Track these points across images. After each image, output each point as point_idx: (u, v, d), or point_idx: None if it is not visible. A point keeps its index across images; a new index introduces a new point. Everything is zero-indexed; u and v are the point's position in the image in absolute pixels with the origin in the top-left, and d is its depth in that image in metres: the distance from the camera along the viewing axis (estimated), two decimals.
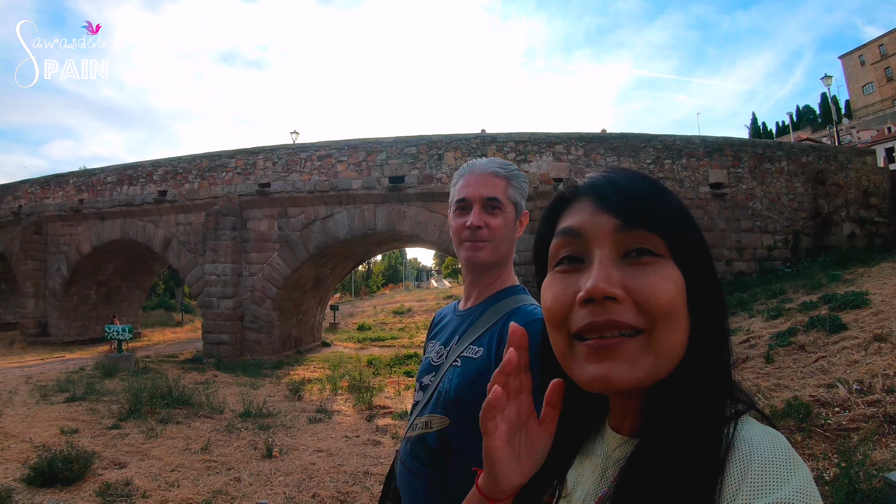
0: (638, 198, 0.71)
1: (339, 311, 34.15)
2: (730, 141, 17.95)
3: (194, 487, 5.68)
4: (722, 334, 0.71)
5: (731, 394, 0.69)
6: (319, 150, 18.00)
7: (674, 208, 0.73)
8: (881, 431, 5.05)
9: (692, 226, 0.73)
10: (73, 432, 7.57)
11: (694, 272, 0.70)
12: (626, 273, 0.69)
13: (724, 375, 0.69)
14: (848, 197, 17.92)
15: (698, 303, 0.70)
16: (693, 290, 0.70)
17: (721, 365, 0.69)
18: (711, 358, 0.69)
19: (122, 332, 16.08)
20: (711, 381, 0.68)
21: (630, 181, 0.74)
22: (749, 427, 0.63)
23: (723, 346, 0.71)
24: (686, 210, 0.74)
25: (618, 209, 0.71)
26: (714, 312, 0.71)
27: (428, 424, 1.48)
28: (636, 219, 0.70)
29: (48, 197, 22.13)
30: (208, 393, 9.95)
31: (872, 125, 50.62)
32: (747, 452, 0.59)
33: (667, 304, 0.68)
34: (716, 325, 0.71)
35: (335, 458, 7.00)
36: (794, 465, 0.57)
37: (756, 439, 0.60)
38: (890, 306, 8.86)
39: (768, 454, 0.58)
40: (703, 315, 0.70)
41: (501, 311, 1.50)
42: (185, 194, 19.15)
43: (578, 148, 16.58)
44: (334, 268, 21.01)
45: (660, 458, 0.63)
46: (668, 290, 0.68)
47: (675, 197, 0.74)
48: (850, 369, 6.83)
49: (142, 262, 23.88)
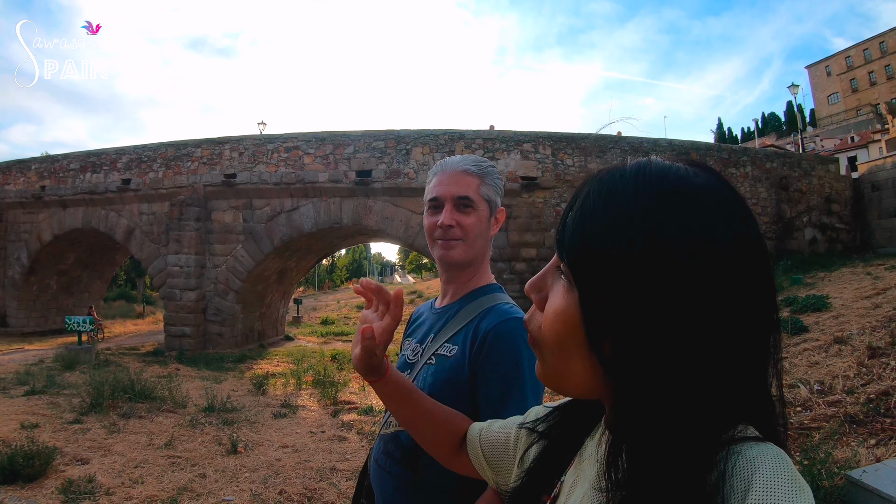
0: (576, 224, 0.69)
1: (302, 305, 33.94)
2: (696, 145, 18.27)
3: (159, 484, 5.63)
4: (696, 355, 0.61)
5: (726, 416, 0.62)
6: (287, 141, 17.84)
7: (601, 247, 0.65)
8: (842, 431, 5.21)
9: (596, 255, 0.65)
10: (33, 427, 7.44)
11: (605, 322, 0.64)
12: (555, 285, 0.73)
13: (708, 399, 0.61)
14: (810, 203, 18.36)
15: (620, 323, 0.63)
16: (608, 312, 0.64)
17: (702, 388, 0.61)
18: (677, 380, 0.61)
19: (83, 323, 15.83)
20: (684, 404, 0.61)
21: (592, 201, 0.68)
22: (751, 448, 0.59)
23: (704, 367, 0.61)
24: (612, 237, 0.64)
25: (559, 230, 0.73)
26: (658, 334, 0.61)
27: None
28: (560, 245, 0.71)
29: (9, 183, 21.60)
30: (171, 387, 9.82)
31: (836, 134, 51.78)
32: (749, 475, 0.56)
33: (546, 330, 0.72)
34: (673, 347, 0.61)
35: (301, 453, 6.98)
36: (797, 489, 0.55)
37: (758, 460, 0.57)
38: (850, 310, 9.12)
39: (770, 476, 0.55)
40: (632, 337, 0.62)
41: (476, 309, 1.50)
42: (149, 183, 18.83)
43: (546, 147, 16.69)
44: (298, 261, 20.88)
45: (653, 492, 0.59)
46: (548, 317, 0.71)
47: (610, 224, 0.65)
48: (811, 370, 7.02)
49: (104, 251, 23.46)
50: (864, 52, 57.88)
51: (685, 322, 0.61)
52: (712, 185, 0.66)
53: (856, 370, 6.55)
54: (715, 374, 0.62)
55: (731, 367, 0.62)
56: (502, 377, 1.33)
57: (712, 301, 0.61)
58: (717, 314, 0.61)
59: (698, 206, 0.64)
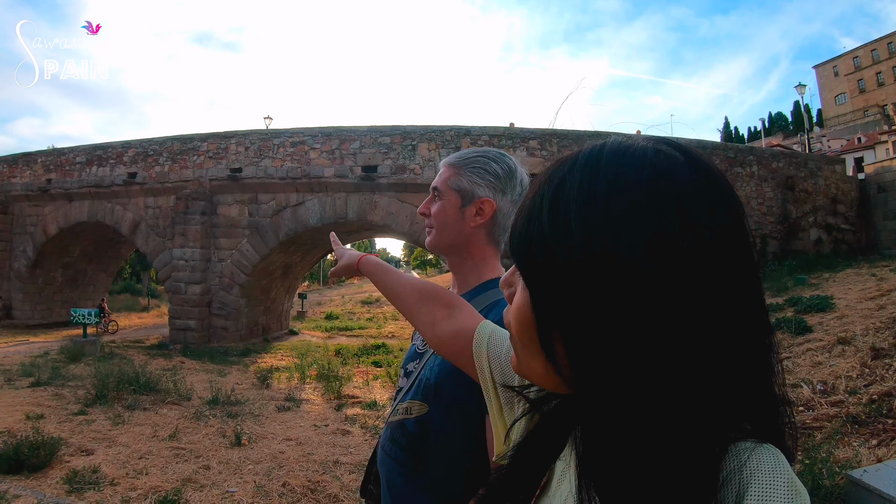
0: (523, 220, 0.68)
1: (307, 300, 33.99)
2: (703, 144, 18.22)
3: (163, 475, 5.66)
4: (678, 355, 0.57)
5: (714, 417, 0.59)
6: (293, 136, 17.88)
7: (540, 247, 0.63)
8: (844, 431, 5.21)
9: (554, 248, 0.61)
10: (38, 418, 7.48)
11: (552, 322, 0.63)
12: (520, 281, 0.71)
13: (681, 402, 0.58)
14: (816, 203, 18.32)
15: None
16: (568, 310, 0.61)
17: (689, 388, 0.58)
18: (662, 378, 0.58)
19: (89, 315, 15.88)
20: (673, 409, 0.58)
21: (541, 194, 0.66)
22: (748, 449, 0.57)
23: (687, 365, 0.58)
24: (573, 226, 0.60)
25: (512, 225, 0.71)
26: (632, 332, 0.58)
27: (408, 410, 1.50)
28: (511, 243, 0.70)
29: (15, 176, 21.69)
30: (175, 379, 9.88)
31: (843, 135, 51.63)
32: (745, 478, 0.55)
33: (512, 326, 0.72)
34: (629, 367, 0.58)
35: (304, 446, 7.01)
36: (794, 493, 0.54)
37: (754, 463, 0.56)
38: (854, 311, 9.10)
39: (766, 480, 0.54)
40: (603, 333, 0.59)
41: (482, 303, 1.50)
42: (155, 177, 18.92)
43: (552, 144, 16.71)
44: (304, 256, 20.93)
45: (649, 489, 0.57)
46: (511, 313, 0.72)
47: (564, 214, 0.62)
48: (814, 370, 7.02)
49: (109, 244, 23.53)
50: (871, 53, 57.59)
51: (635, 324, 0.57)
52: (675, 168, 0.61)
53: (859, 371, 6.55)
54: (682, 377, 0.58)
55: (704, 369, 0.58)
56: None
57: (667, 302, 0.57)
58: (675, 314, 0.57)
59: (652, 196, 0.59)
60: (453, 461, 1.34)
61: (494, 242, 1.62)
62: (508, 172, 1.60)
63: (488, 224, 1.58)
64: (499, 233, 1.60)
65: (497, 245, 1.63)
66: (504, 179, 1.59)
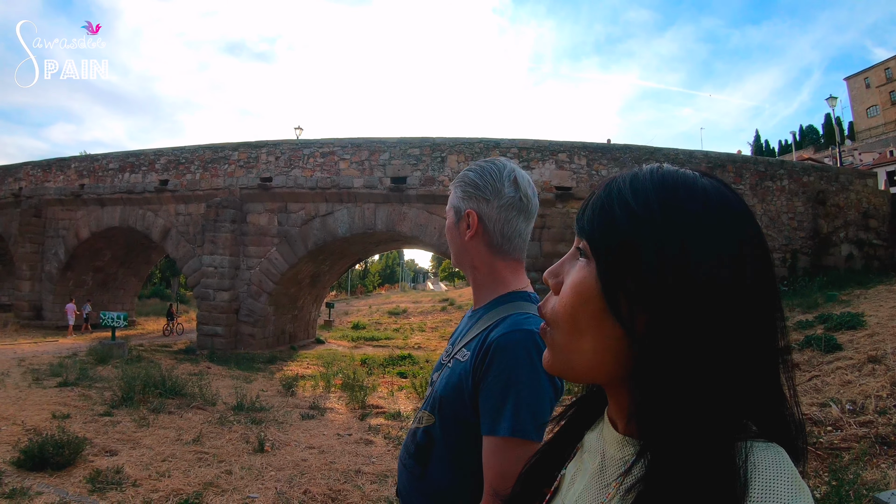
0: (594, 206, 0.72)
1: (334, 309, 34.20)
2: (732, 157, 18.07)
3: (185, 478, 5.65)
4: (704, 354, 0.62)
5: (736, 416, 0.63)
6: (323, 146, 18.01)
7: (620, 216, 0.67)
8: (872, 452, 5.07)
9: (635, 233, 0.66)
10: (64, 417, 7.55)
11: (627, 279, 0.65)
12: (572, 269, 0.73)
13: (722, 397, 0.62)
14: (847, 218, 18.00)
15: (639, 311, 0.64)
16: (629, 297, 0.65)
17: (715, 386, 0.62)
18: (683, 375, 0.62)
19: (117, 319, 16.05)
20: (702, 399, 0.61)
21: (614, 188, 0.71)
22: (755, 447, 0.60)
23: (716, 366, 0.62)
24: (653, 221, 0.65)
25: (579, 215, 0.74)
26: (670, 329, 0.63)
27: (420, 420, 1.53)
28: (580, 224, 0.73)
29: (49, 180, 22.08)
30: (201, 384, 9.93)
31: (875, 148, 50.80)
32: (749, 474, 0.57)
33: (560, 306, 0.72)
34: (680, 344, 0.62)
35: (327, 455, 6.98)
36: (796, 490, 0.56)
37: (759, 460, 0.58)
38: (885, 328, 8.90)
39: (769, 477, 0.57)
40: (655, 328, 0.63)
41: (494, 317, 1.49)
42: (186, 184, 19.14)
43: (581, 157, 16.62)
44: (332, 265, 21.01)
45: (664, 483, 0.59)
46: (564, 293, 0.72)
47: (648, 204, 0.67)
48: (843, 389, 6.85)
49: (140, 250, 23.85)
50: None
51: (688, 310, 0.62)
52: (720, 190, 0.69)
53: (889, 390, 6.38)
54: (728, 368, 0.62)
55: (740, 363, 0.63)
56: (497, 392, 1.33)
57: (723, 297, 0.62)
58: (727, 308, 0.62)
59: (708, 207, 0.66)
60: (454, 472, 1.40)
61: (498, 252, 1.59)
62: (489, 180, 1.59)
63: (481, 234, 1.57)
64: (497, 241, 1.57)
65: (503, 254, 1.59)
66: (483, 187, 1.58)
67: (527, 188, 1.59)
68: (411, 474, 1.51)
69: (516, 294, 1.56)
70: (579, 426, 0.86)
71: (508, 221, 1.56)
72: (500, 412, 1.29)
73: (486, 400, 1.34)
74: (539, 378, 1.28)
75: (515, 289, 1.58)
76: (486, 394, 1.34)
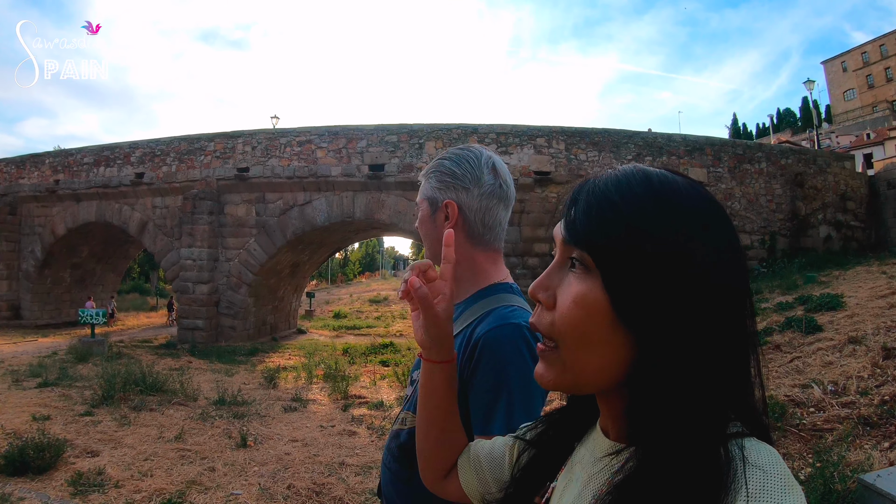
0: (587, 213, 0.70)
1: (314, 299, 34.03)
2: (711, 140, 18.15)
3: (168, 477, 5.64)
4: (702, 350, 0.64)
5: (725, 411, 0.65)
6: (300, 135, 17.92)
7: (619, 226, 0.68)
8: (856, 433, 5.13)
9: (641, 240, 0.66)
10: (45, 419, 7.48)
11: (633, 288, 0.66)
12: (563, 281, 0.73)
13: (714, 393, 0.64)
14: (825, 200, 18.22)
15: (645, 317, 0.66)
16: (635, 304, 0.66)
17: (709, 382, 0.64)
18: (684, 374, 0.64)
19: (96, 315, 15.91)
20: (698, 396, 0.64)
21: (600, 193, 0.71)
22: (744, 444, 0.61)
23: (710, 362, 0.65)
24: (658, 225, 0.67)
25: (567, 223, 0.73)
26: (677, 329, 0.65)
27: (403, 421, 1.48)
28: (573, 235, 0.71)
29: (23, 177, 21.79)
30: (182, 380, 9.87)
31: (852, 130, 51.11)
32: (741, 471, 0.57)
33: (562, 323, 0.71)
34: (684, 342, 0.64)
35: (310, 448, 6.99)
36: (788, 487, 0.56)
37: (750, 457, 0.59)
38: (865, 309, 9.01)
39: (761, 474, 0.57)
40: (657, 330, 0.65)
41: (477, 311, 1.46)
42: (162, 177, 19.00)
43: (560, 141, 16.64)
44: (311, 255, 20.95)
45: (660, 480, 0.61)
46: (565, 307, 0.71)
47: (645, 211, 0.68)
48: (824, 370, 6.93)
49: (117, 245, 23.66)
50: (880, 48, 56.83)
51: (691, 309, 0.64)
52: (698, 189, 0.71)
53: (870, 371, 6.45)
54: (719, 361, 0.65)
55: (727, 355, 0.66)
56: (488, 390, 1.29)
57: (719, 294, 0.65)
58: (721, 304, 0.65)
59: (700, 209, 0.68)
60: None
61: (478, 243, 1.54)
62: (468, 168, 1.54)
63: (460, 225, 1.52)
64: (478, 231, 1.53)
65: (483, 245, 1.55)
66: (462, 176, 1.54)
67: (506, 175, 1.56)
68: (396, 477, 1.47)
69: (499, 286, 1.53)
70: (569, 438, 0.87)
71: (490, 210, 1.53)
72: (492, 411, 1.27)
73: (476, 398, 1.31)
74: (530, 373, 1.25)
75: (497, 280, 1.54)
76: (476, 392, 1.31)
